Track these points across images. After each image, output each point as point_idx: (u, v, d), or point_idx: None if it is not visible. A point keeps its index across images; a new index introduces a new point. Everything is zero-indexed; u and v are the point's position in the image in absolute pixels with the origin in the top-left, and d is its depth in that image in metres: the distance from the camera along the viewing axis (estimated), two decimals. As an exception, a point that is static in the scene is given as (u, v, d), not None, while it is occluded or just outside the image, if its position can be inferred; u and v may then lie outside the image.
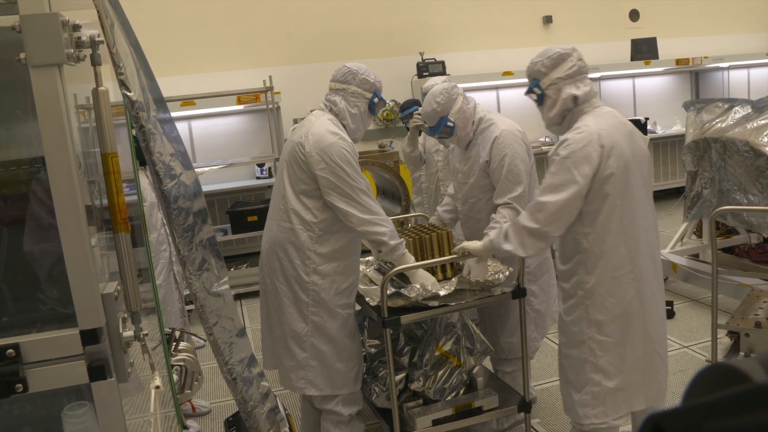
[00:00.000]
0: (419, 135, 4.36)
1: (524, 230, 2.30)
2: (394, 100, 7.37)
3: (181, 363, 2.90)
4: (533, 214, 2.27)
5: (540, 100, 2.37)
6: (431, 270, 2.87)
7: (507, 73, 7.53)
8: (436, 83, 4.17)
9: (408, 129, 5.47)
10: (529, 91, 2.38)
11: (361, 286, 2.91)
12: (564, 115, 2.34)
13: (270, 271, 2.73)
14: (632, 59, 8.26)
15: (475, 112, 3.00)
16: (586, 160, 2.18)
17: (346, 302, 2.72)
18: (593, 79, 8.04)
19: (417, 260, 2.83)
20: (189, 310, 4.41)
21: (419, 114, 3.93)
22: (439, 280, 2.84)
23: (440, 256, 2.89)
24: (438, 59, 7.42)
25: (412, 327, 2.96)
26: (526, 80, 2.42)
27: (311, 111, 2.85)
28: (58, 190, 1.19)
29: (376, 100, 2.75)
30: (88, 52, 1.31)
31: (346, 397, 2.78)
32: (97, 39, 1.31)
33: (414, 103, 5.35)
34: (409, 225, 3.71)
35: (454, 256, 2.72)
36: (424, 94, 4.23)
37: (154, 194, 3.75)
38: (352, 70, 2.72)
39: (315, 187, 2.61)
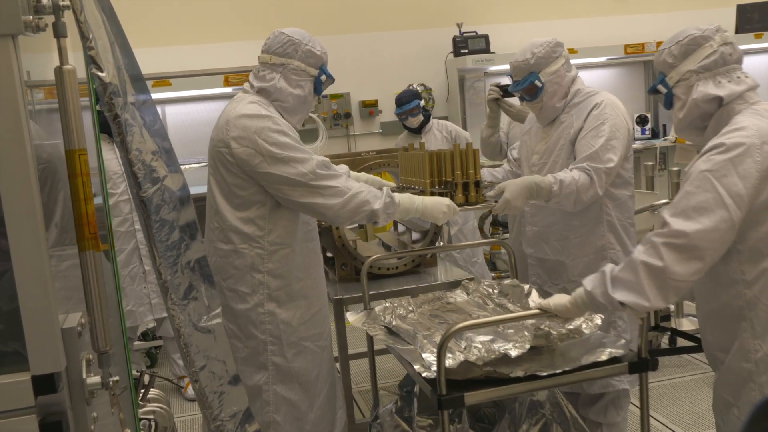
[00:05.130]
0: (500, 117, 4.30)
1: (643, 268, 2.01)
2: (423, 84, 7.38)
3: (151, 416, 2.91)
4: (655, 247, 2.00)
5: (667, 102, 2.27)
6: (449, 195, 2.88)
7: (569, 51, 7.48)
8: None
9: (405, 128, 5.44)
10: (653, 90, 2.30)
11: (403, 347, 2.46)
12: (703, 120, 2.20)
13: None
14: (737, 31, 8.15)
15: (572, 84, 3.03)
16: (739, 176, 1.98)
17: (317, 332, 2.72)
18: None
19: (432, 181, 2.91)
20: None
21: (495, 85, 3.93)
22: (459, 205, 2.82)
23: (463, 176, 2.92)
24: (480, 33, 7.42)
25: (480, 403, 2.76)
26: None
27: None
28: (10, 196, 1.19)
29: (323, 77, 2.74)
30: (50, 19, 1.32)
31: None
32: (61, 3, 1.32)
33: (413, 96, 5.26)
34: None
35: (534, 311, 2.29)
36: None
37: (119, 167, 4.17)
38: (293, 39, 2.67)
39: (254, 191, 2.60)
